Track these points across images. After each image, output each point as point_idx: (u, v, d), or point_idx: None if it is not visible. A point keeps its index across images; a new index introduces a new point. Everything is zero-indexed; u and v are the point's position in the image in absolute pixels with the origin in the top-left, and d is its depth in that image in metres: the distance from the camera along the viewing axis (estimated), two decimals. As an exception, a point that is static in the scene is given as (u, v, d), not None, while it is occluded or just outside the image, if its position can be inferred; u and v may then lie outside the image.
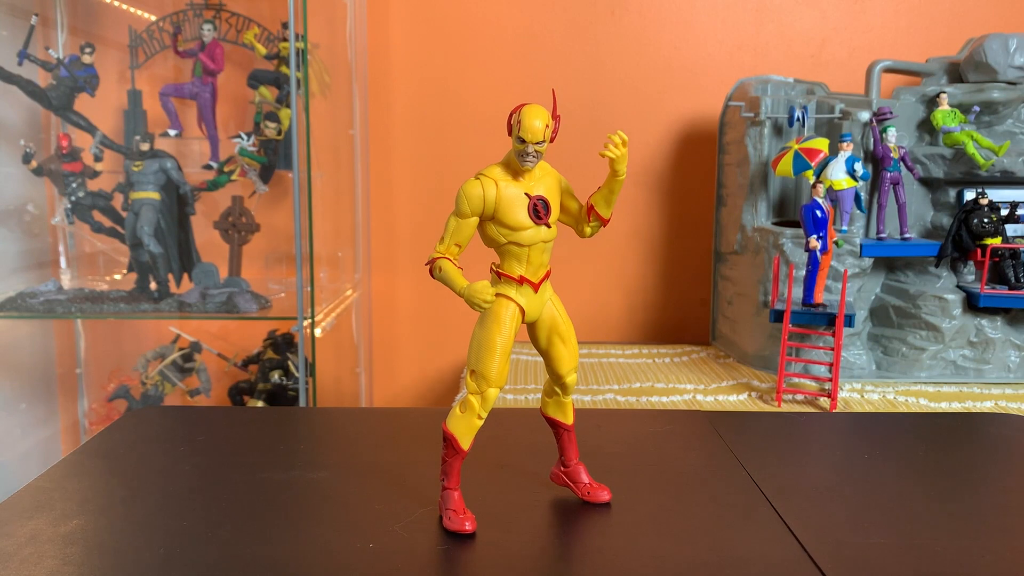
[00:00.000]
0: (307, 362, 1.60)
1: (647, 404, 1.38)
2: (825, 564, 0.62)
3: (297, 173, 1.50)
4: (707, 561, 0.63)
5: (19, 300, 1.57)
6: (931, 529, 0.69)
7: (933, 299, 1.47)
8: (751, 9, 1.87)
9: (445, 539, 0.66)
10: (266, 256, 1.86)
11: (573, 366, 0.72)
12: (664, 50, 1.89)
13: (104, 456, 0.86)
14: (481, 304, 0.64)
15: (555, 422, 0.74)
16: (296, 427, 0.97)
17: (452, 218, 0.66)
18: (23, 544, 0.65)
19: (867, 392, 1.41)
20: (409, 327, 2.01)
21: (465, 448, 0.68)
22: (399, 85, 1.92)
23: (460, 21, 1.89)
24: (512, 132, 0.64)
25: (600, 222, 0.68)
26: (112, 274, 1.84)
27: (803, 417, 1.03)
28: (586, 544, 0.68)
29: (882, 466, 0.85)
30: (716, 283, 1.81)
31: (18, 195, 1.78)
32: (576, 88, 1.90)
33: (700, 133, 1.90)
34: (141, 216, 1.57)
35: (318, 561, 0.63)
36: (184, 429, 0.95)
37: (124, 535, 0.67)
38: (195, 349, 1.78)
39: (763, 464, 0.83)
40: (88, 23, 1.82)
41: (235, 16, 1.71)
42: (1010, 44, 1.54)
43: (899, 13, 1.87)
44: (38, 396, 1.88)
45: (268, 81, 1.69)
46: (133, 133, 1.64)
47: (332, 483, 0.78)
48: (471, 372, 0.67)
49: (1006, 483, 0.82)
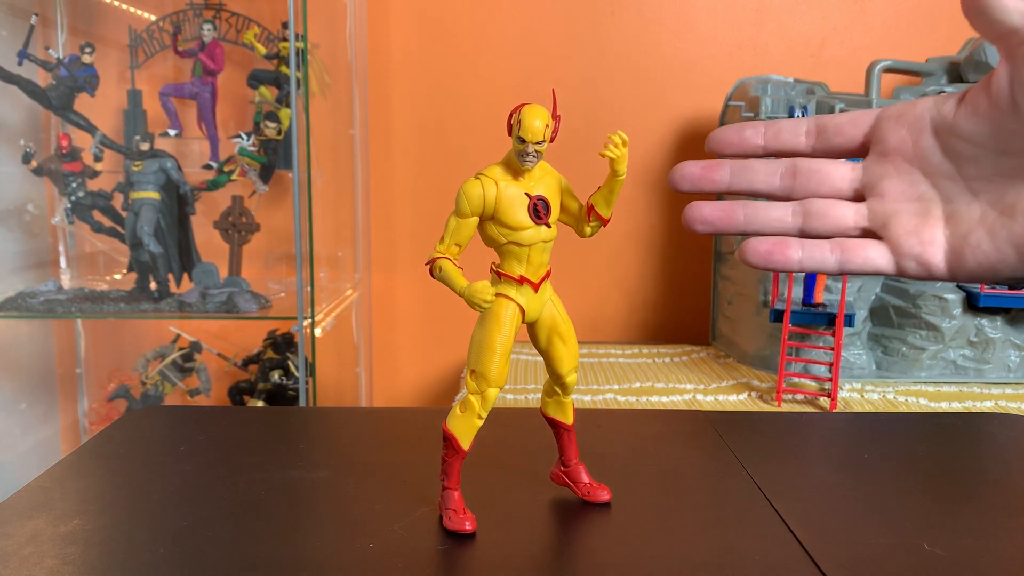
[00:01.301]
0: (307, 362, 1.61)
1: (647, 404, 1.38)
2: (825, 564, 0.62)
3: (297, 173, 1.50)
4: (707, 561, 0.63)
5: (19, 300, 1.57)
6: (931, 529, 0.69)
7: (933, 299, 1.47)
8: (751, 9, 1.87)
9: (445, 539, 0.66)
10: (266, 256, 1.86)
11: (573, 366, 0.72)
12: (664, 50, 1.89)
13: (104, 456, 0.86)
14: (481, 304, 0.64)
15: (555, 422, 0.74)
16: (296, 427, 0.97)
17: (452, 218, 0.66)
18: (23, 544, 0.65)
19: (867, 392, 1.41)
20: (409, 327, 2.01)
21: (465, 448, 0.68)
22: (399, 85, 1.92)
23: (460, 21, 1.89)
24: (512, 132, 0.64)
25: (600, 222, 0.68)
26: (112, 274, 1.84)
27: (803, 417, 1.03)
28: (586, 544, 0.68)
29: (882, 466, 0.85)
30: (716, 283, 1.81)
31: (18, 195, 1.78)
32: (576, 88, 1.90)
33: (700, 133, 1.90)
34: (141, 216, 1.57)
35: (318, 561, 0.63)
36: (184, 429, 0.95)
37: (124, 535, 0.67)
38: (195, 349, 1.78)
39: (763, 464, 0.83)
40: (88, 23, 1.82)
41: (235, 16, 1.71)
42: (1010, 44, 1.54)
43: (899, 13, 1.87)
44: (38, 396, 1.88)
45: (268, 81, 1.69)
46: (133, 133, 1.64)
47: (332, 483, 0.78)
48: (471, 372, 0.67)
49: (1006, 483, 0.82)
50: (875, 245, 0.49)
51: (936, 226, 0.48)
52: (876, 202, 0.50)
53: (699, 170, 0.52)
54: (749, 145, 0.53)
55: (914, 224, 0.48)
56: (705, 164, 0.53)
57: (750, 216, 0.51)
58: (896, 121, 0.49)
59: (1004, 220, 0.45)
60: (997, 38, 0.45)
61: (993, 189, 0.46)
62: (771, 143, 0.53)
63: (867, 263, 0.49)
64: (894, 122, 0.50)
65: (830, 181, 0.51)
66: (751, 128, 0.53)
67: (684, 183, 0.53)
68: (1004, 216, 0.45)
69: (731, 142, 0.53)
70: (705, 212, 0.51)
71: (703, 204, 0.52)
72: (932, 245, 0.47)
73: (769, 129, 0.53)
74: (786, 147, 0.53)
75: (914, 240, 0.48)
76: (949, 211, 0.47)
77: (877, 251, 0.49)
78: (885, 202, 0.49)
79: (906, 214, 0.49)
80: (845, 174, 0.51)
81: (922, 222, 0.48)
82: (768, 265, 0.50)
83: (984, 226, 0.46)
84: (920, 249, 0.48)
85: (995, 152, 0.46)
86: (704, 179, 0.52)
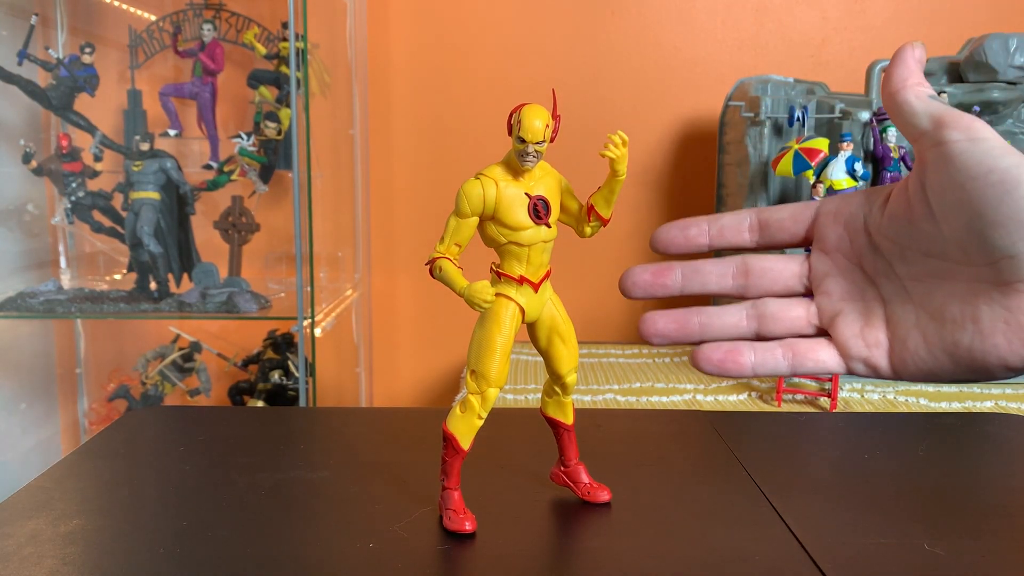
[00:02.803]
0: (307, 362, 1.61)
1: (647, 404, 1.38)
2: (825, 564, 0.62)
3: (297, 173, 1.50)
4: (707, 561, 0.63)
5: (19, 300, 1.57)
6: (931, 529, 0.69)
7: (933, 299, 1.47)
8: (751, 9, 1.87)
9: (445, 539, 0.66)
10: (266, 256, 1.86)
11: (573, 366, 0.72)
12: (664, 50, 1.89)
13: (104, 456, 0.86)
14: (481, 304, 0.64)
15: (555, 422, 0.74)
16: (296, 427, 0.97)
17: (452, 218, 0.66)
18: (23, 544, 0.65)
19: (867, 392, 1.41)
20: (409, 327, 2.01)
21: (465, 448, 0.68)
22: (399, 85, 1.92)
23: (460, 21, 1.89)
24: (512, 132, 0.64)
25: (600, 222, 0.68)
26: (112, 274, 1.84)
27: (803, 417, 1.03)
28: (586, 544, 0.68)
29: (882, 466, 0.85)
30: (716, 283, 1.81)
31: (18, 195, 1.78)
32: (576, 88, 1.90)
33: (700, 133, 1.90)
34: (141, 216, 1.57)
35: (318, 561, 0.63)
36: (184, 429, 0.95)
37: (124, 535, 0.67)
38: (195, 349, 1.78)
39: (763, 464, 0.83)
40: (88, 23, 1.82)
41: (235, 16, 1.71)
42: (1010, 44, 1.54)
43: (899, 13, 1.87)
44: (38, 396, 1.88)
45: (268, 81, 1.69)
46: (133, 133, 1.64)
47: (332, 483, 0.78)
48: (471, 372, 0.67)
49: (1006, 483, 0.82)
50: (825, 347, 0.49)
51: (879, 328, 0.47)
52: (824, 299, 0.50)
53: (650, 276, 0.52)
54: (694, 244, 0.52)
55: (859, 326, 0.48)
56: (655, 269, 0.52)
57: (704, 325, 0.51)
58: (833, 218, 0.49)
59: (935, 325, 0.45)
60: (911, 139, 0.45)
61: (923, 290, 0.45)
62: (715, 241, 0.52)
63: (818, 365, 0.49)
64: (831, 219, 0.49)
65: (782, 279, 0.51)
66: (695, 227, 0.52)
67: (636, 290, 0.52)
68: (935, 321, 0.45)
69: (676, 243, 0.52)
70: (660, 325, 0.51)
71: (657, 317, 0.51)
72: (877, 348, 0.47)
73: (712, 226, 0.52)
74: (731, 244, 0.52)
75: (860, 343, 0.48)
76: (889, 312, 0.47)
77: (827, 353, 0.49)
78: (832, 300, 0.49)
79: (851, 314, 0.48)
80: (794, 271, 0.51)
81: (866, 323, 0.48)
82: (721, 373, 0.49)
83: (919, 329, 0.45)
84: (867, 352, 0.47)
85: (920, 253, 0.45)
86: (656, 285, 0.52)
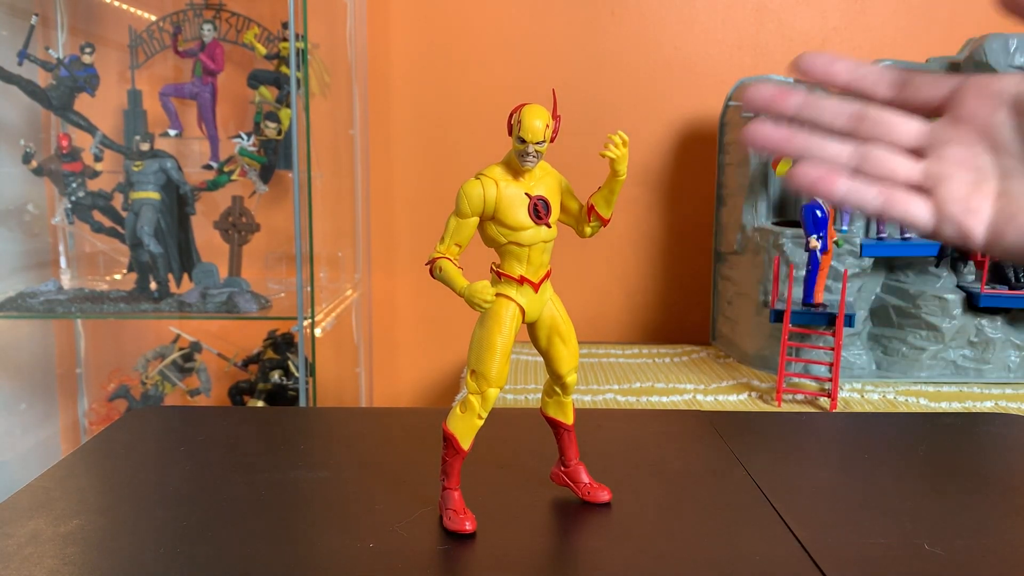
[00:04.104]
0: (307, 362, 1.61)
1: (647, 404, 1.38)
2: (825, 564, 0.62)
3: (297, 173, 1.50)
4: (707, 561, 0.63)
5: (19, 300, 1.57)
6: (931, 529, 0.69)
7: (933, 299, 1.47)
8: (751, 9, 1.87)
9: (445, 539, 0.66)
10: (266, 256, 1.86)
11: (573, 366, 0.72)
12: (664, 50, 1.89)
13: (104, 456, 0.86)
14: (481, 304, 0.64)
15: (555, 422, 0.74)
16: (296, 427, 0.97)
17: (452, 218, 0.66)
18: (23, 544, 0.65)
19: (867, 392, 1.41)
20: (409, 327, 2.01)
21: (465, 448, 0.68)
22: (399, 85, 1.92)
23: (460, 21, 1.89)
24: (512, 132, 0.64)
25: (600, 222, 0.68)
26: (112, 274, 1.84)
27: (803, 417, 1.03)
28: (586, 544, 0.68)
29: (882, 466, 0.85)
30: (716, 283, 1.81)
31: (18, 195, 1.78)
32: (576, 88, 1.90)
33: (700, 133, 1.90)
34: (141, 216, 1.57)
35: (318, 561, 0.63)
36: (184, 429, 0.95)
37: (124, 535, 0.67)
38: (195, 349, 1.78)
39: (763, 464, 0.83)
40: (88, 23, 1.82)
41: (235, 16, 1.71)
42: (1010, 44, 1.54)
43: (899, 13, 1.87)
44: (38, 396, 1.88)
45: (268, 81, 1.69)
46: (133, 133, 1.64)
47: (332, 483, 0.78)
48: (471, 372, 0.67)
49: (1006, 483, 0.82)
50: (920, 201, 0.50)
51: (986, 198, 0.48)
52: (934, 163, 0.50)
53: (773, 91, 0.53)
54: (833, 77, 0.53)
55: (965, 192, 0.49)
56: (779, 88, 0.53)
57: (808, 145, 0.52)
58: (977, 90, 0.50)
59: None
60: None
61: None
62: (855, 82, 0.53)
63: (906, 215, 0.49)
64: (975, 91, 0.50)
65: (895, 133, 0.52)
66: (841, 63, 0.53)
67: (756, 102, 0.53)
68: None
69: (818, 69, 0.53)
70: (767, 130, 0.52)
71: (766, 123, 0.52)
72: (977, 215, 0.48)
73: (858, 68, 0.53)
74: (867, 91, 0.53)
75: (961, 207, 0.48)
76: (1004, 187, 0.48)
77: (920, 207, 0.49)
78: (943, 165, 0.50)
79: (960, 180, 0.49)
80: (911, 130, 0.51)
81: (974, 191, 0.48)
82: (811, 191, 0.50)
83: None
84: (964, 216, 0.48)
85: None
86: (776, 99, 0.53)
